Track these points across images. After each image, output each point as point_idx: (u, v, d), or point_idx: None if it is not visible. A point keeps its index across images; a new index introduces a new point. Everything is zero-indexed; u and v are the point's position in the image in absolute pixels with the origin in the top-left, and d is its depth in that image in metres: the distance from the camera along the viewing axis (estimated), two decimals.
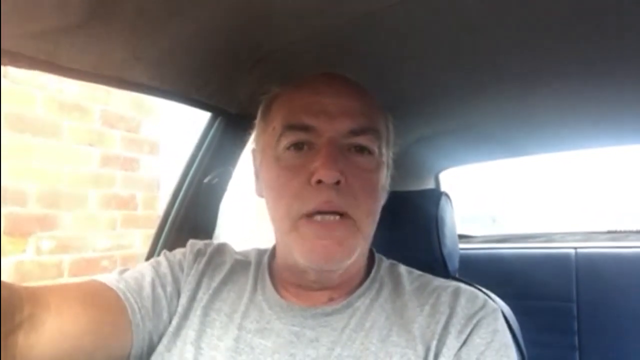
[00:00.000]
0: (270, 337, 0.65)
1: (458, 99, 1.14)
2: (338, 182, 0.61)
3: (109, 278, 0.67)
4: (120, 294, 0.64)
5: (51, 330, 0.55)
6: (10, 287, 0.53)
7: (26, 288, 0.56)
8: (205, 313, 0.69)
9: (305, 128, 0.65)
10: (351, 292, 0.69)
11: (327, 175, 0.60)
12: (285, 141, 0.66)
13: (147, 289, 0.68)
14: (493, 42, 0.83)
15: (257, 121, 0.75)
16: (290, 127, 0.65)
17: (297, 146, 0.65)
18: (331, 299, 0.69)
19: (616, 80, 1.00)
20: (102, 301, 0.63)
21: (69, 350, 0.57)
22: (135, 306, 0.64)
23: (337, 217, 0.62)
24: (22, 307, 0.53)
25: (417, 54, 0.89)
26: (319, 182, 0.61)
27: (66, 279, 2.06)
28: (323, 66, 0.71)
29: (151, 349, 0.67)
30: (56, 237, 2.05)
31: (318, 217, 0.62)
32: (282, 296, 0.70)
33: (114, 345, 0.62)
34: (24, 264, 1.94)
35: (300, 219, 0.63)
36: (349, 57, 0.87)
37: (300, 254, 0.63)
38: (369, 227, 0.67)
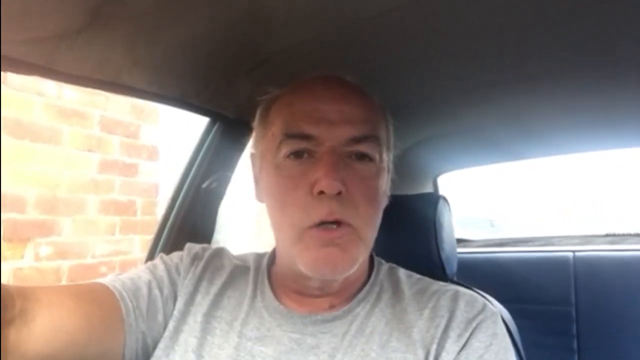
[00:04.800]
0: (270, 345, 0.65)
1: (456, 102, 1.14)
2: (340, 192, 0.61)
3: (105, 279, 0.67)
4: (116, 293, 0.64)
5: (43, 325, 0.55)
6: (0, 285, 0.53)
7: (17, 286, 0.56)
8: (207, 320, 0.69)
9: (305, 137, 0.64)
10: (352, 297, 0.69)
11: (329, 186, 0.60)
12: (285, 149, 0.65)
13: (143, 290, 0.67)
14: (492, 45, 0.83)
15: (255, 124, 0.74)
16: (290, 136, 0.65)
17: (297, 154, 0.65)
18: (332, 306, 0.69)
19: (615, 84, 1.01)
20: (95, 298, 0.63)
21: (62, 345, 0.56)
22: (130, 305, 0.64)
23: (336, 226, 0.62)
24: (13, 302, 0.53)
25: (415, 58, 0.89)
26: (321, 192, 0.61)
27: None
28: (322, 69, 0.71)
29: (145, 351, 0.66)
30: (55, 243, 2.04)
31: (321, 227, 0.62)
32: (282, 302, 0.69)
33: (106, 343, 0.62)
34: (23, 270, 1.93)
35: (306, 230, 0.62)
36: (348, 60, 0.87)
37: (304, 264, 0.63)
38: (370, 234, 0.67)
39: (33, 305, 0.55)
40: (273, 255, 0.76)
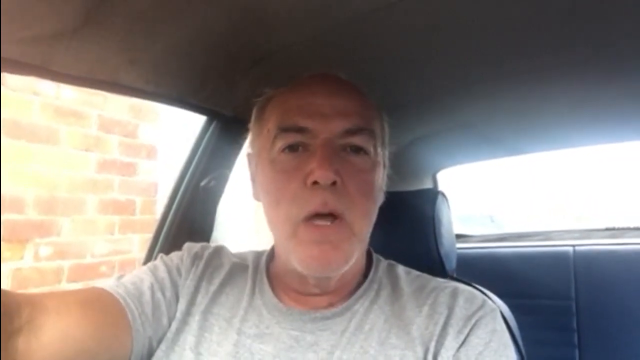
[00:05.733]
0: (270, 342, 0.65)
1: (455, 98, 1.14)
2: (334, 183, 0.61)
3: (108, 284, 0.67)
4: (121, 300, 0.64)
5: (52, 334, 0.55)
6: (7, 292, 0.53)
7: (23, 294, 0.56)
8: (204, 318, 0.69)
9: (299, 130, 0.64)
10: (350, 294, 0.69)
11: (323, 176, 0.60)
12: (279, 143, 0.65)
13: (147, 295, 0.67)
14: (490, 41, 0.83)
15: (252, 124, 0.75)
16: (285, 129, 0.65)
17: (292, 148, 0.65)
18: (330, 304, 0.69)
19: (613, 79, 1.01)
20: (102, 305, 0.62)
21: (71, 354, 0.56)
22: (136, 312, 0.64)
23: (330, 223, 0.62)
24: (20, 311, 0.52)
25: (414, 54, 0.89)
26: (315, 183, 0.61)
27: (65, 285, 2.06)
28: (320, 68, 0.71)
29: (151, 354, 0.66)
30: (54, 243, 2.04)
31: (316, 221, 0.62)
32: (280, 300, 0.70)
33: (115, 350, 0.62)
34: (22, 271, 1.93)
35: (300, 224, 0.62)
36: (346, 58, 0.87)
37: (298, 260, 0.63)
38: (364, 229, 0.67)
39: (40, 314, 0.55)
40: (272, 253, 0.76)
